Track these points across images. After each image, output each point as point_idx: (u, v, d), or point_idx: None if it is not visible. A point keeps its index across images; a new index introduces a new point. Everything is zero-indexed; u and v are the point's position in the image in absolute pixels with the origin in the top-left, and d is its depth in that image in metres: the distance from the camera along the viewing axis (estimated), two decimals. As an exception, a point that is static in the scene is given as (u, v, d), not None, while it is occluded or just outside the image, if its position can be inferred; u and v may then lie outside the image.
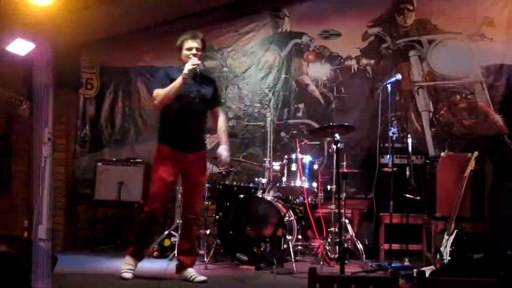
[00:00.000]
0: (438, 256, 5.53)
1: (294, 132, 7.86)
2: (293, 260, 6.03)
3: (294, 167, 6.59)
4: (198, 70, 5.20)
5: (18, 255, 4.95)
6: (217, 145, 5.64)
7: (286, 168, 6.64)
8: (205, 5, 7.80)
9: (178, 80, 5.14)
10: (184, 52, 5.32)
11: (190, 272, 5.36)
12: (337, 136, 5.44)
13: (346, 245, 6.45)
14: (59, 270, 5.28)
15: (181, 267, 5.43)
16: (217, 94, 5.70)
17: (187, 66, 5.14)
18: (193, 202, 5.45)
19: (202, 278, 5.28)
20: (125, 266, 5.39)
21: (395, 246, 6.77)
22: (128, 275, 5.33)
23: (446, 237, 5.49)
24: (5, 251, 5.11)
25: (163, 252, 6.76)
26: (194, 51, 5.28)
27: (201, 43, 5.37)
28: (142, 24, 7.63)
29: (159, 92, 5.23)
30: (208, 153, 5.76)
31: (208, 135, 7.10)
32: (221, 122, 5.61)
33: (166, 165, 5.28)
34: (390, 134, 6.60)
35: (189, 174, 5.39)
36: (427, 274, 3.16)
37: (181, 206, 5.75)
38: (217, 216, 6.59)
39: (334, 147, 5.46)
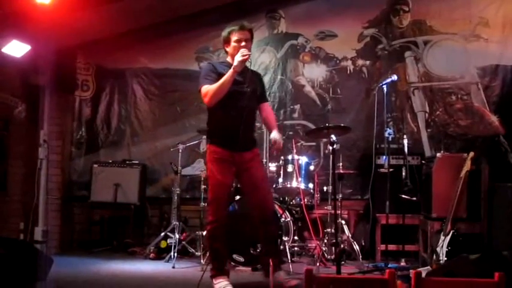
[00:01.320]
0: (434, 257, 5.53)
1: (290, 133, 7.86)
2: (290, 261, 6.04)
3: (290, 168, 6.59)
4: (249, 61, 4.90)
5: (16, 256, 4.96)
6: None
7: (282, 169, 6.63)
8: (201, 7, 7.80)
9: (229, 73, 4.79)
10: (233, 44, 4.99)
11: (283, 276, 5.05)
12: (333, 137, 5.45)
13: (342, 246, 6.46)
14: (54, 272, 5.28)
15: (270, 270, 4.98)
16: (265, 89, 5.45)
17: (237, 58, 4.78)
18: (267, 197, 5.13)
19: (295, 281, 4.92)
20: (220, 283, 4.98)
21: (391, 247, 6.77)
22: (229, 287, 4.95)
23: (442, 237, 5.49)
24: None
25: (160, 254, 6.75)
26: (244, 43, 4.96)
27: (250, 34, 5.07)
28: (138, 26, 7.64)
29: (209, 88, 4.87)
30: (202, 154, 5.70)
31: (204, 136, 7.13)
32: (271, 113, 5.39)
33: (222, 167, 4.97)
34: (386, 134, 6.59)
35: (249, 173, 5.04)
36: (424, 275, 3.16)
37: (252, 209, 5.20)
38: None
39: (330, 148, 5.46)
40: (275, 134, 5.15)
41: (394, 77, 6.73)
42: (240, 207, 6.30)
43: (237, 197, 6.52)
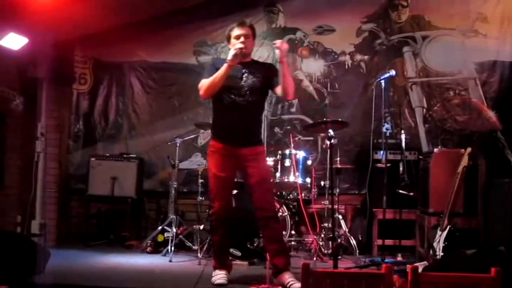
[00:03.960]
0: (431, 252, 5.54)
1: (288, 127, 7.87)
2: (286, 255, 6.04)
3: (287, 163, 6.59)
4: (239, 54, 4.87)
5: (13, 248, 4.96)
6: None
7: (279, 164, 6.63)
8: (199, 0, 7.79)
9: (223, 67, 4.87)
10: (233, 41, 5.06)
11: (287, 278, 4.94)
12: (331, 132, 5.45)
13: (339, 241, 6.46)
14: (51, 265, 5.28)
15: (277, 272, 5.02)
16: (274, 78, 5.08)
17: (230, 52, 4.89)
18: (264, 198, 5.06)
19: (298, 284, 4.71)
20: (216, 276, 5.07)
21: (388, 242, 6.78)
22: (221, 280, 5.01)
23: (439, 232, 5.50)
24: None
25: (157, 248, 6.76)
26: (242, 38, 5.02)
27: (250, 30, 5.11)
28: (136, 19, 7.62)
29: (204, 82, 4.98)
30: (199, 149, 5.68)
31: (201, 131, 7.13)
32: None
33: (217, 160, 5.03)
34: (384, 129, 6.60)
35: (249, 171, 5.03)
36: (420, 269, 3.17)
37: (255, 206, 5.14)
38: (210, 212, 6.57)
39: (328, 142, 5.46)
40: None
41: (392, 72, 6.72)
42: (236, 202, 6.31)
43: (234, 191, 6.54)
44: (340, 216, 6.88)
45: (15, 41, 6.44)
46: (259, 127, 5.26)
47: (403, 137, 6.74)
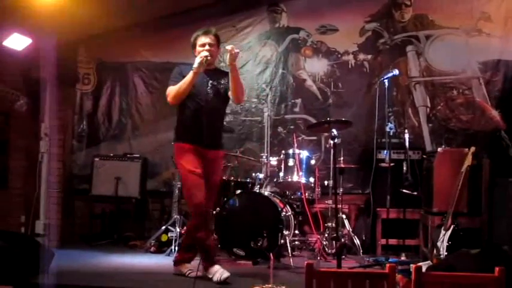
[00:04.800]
0: (435, 251, 5.54)
1: (291, 127, 7.86)
2: (290, 255, 6.05)
3: (291, 162, 6.59)
4: (204, 62, 5.07)
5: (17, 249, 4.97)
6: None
7: (283, 164, 6.63)
8: (202, 0, 7.79)
9: (189, 75, 5.10)
10: (198, 49, 5.28)
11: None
12: (334, 131, 5.46)
13: (343, 240, 6.45)
14: (55, 265, 5.29)
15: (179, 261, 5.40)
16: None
17: (197, 60, 5.10)
18: (210, 198, 5.34)
19: (227, 274, 5.09)
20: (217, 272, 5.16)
21: (392, 241, 6.78)
22: (226, 274, 5.10)
23: (443, 232, 5.50)
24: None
25: (161, 248, 6.76)
26: (207, 47, 5.24)
27: (214, 38, 5.33)
28: (139, 20, 7.62)
29: (171, 89, 5.22)
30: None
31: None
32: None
33: (190, 158, 5.20)
34: (387, 129, 6.60)
35: (207, 173, 5.26)
36: (424, 269, 3.16)
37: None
38: (214, 212, 6.59)
39: (331, 142, 5.48)
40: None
41: (396, 72, 6.74)
42: (240, 202, 6.32)
43: (238, 191, 6.54)
44: (344, 216, 6.87)
45: (19, 42, 6.45)
46: (221, 131, 5.52)
47: (406, 136, 6.75)
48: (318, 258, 6.23)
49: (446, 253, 5.33)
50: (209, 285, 5.02)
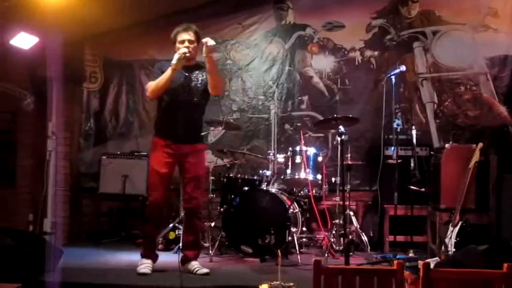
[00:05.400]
0: (443, 248, 5.53)
1: (298, 124, 7.85)
2: (298, 252, 6.05)
3: (298, 159, 6.58)
4: (183, 58, 5.19)
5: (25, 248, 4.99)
6: (222, 137, 5.57)
7: (290, 161, 6.63)
8: (207, -3, 7.81)
9: (168, 71, 5.21)
10: (178, 45, 5.36)
11: (194, 264, 5.37)
12: (342, 128, 5.45)
13: (350, 237, 6.46)
14: (64, 263, 5.31)
15: (185, 260, 5.40)
16: None
17: (175, 56, 5.21)
18: (193, 195, 5.40)
19: (205, 270, 5.28)
20: (140, 265, 5.35)
21: (400, 238, 6.77)
22: (145, 270, 5.28)
23: (451, 228, 5.48)
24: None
25: (168, 245, 6.77)
26: (187, 43, 5.31)
27: (194, 35, 5.37)
28: (145, 17, 7.63)
29: (151, 84, 5.36)
30: (209, 146, 5.72)
31: (212, 128, 7.12)
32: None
33: (158, 157, 5.35)
34: (394, 125, 6.60)
35: (186, 167, 5.39)
36: (432, 266, 3.15)
37: (182, 198, 5.77)
38: (221, 209, 6.60)
39: (339, 139, 5.47)
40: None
41: (403, 68, 6.73)
42: (247, 199, 6.32)
43: (245, 189, 6.55)
44: (352, 213, 6.85)
45: (25, 41, 6.46)
46: (200, 126, 5.58)
47: (414, 132, 6.74)
48: (326, 255, 6.22)
49: (454, 250, 5.32)
50: (217, 280, 5.03)
